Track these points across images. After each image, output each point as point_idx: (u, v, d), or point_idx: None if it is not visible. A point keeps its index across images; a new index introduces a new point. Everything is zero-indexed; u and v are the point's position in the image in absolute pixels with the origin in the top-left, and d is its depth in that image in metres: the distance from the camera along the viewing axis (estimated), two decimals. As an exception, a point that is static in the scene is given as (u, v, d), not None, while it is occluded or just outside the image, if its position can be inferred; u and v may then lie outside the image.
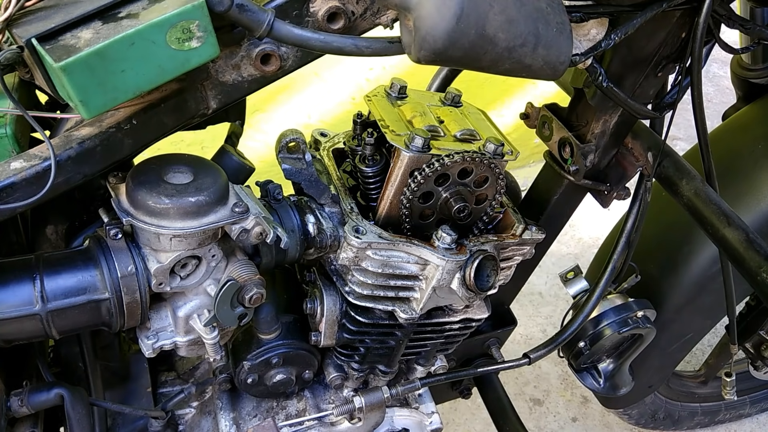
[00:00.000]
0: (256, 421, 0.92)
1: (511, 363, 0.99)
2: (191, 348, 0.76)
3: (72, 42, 0.45)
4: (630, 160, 0.85)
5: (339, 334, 0.81)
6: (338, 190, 0.75)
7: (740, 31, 0.70)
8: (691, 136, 2.71)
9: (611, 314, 1.08)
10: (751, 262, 0.71)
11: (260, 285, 0.68)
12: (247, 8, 0.49)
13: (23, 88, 0.58)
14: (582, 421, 1.88)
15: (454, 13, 0.47)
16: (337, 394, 0.94)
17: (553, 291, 2.24)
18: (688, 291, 1.16)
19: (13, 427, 0.76)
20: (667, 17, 0.66)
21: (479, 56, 0.50)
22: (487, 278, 0.74)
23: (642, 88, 0.75)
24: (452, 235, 0.71)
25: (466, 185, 0.71)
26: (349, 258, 0.70)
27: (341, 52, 0.53)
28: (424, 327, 0.84)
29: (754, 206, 1.11)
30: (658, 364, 1.38)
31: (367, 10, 0.59)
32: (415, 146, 0.66)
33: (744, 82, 1.29)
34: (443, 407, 1.77)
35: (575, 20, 0.60)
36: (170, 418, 0.92)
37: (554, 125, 0.84)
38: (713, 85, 3.40)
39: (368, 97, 0.75)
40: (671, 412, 1.69)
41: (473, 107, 0.82)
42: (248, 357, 0.82)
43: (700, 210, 0.76)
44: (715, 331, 1.69)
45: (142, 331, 0.72)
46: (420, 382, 0.94)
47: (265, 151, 2.01)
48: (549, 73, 0.54)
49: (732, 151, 1.20)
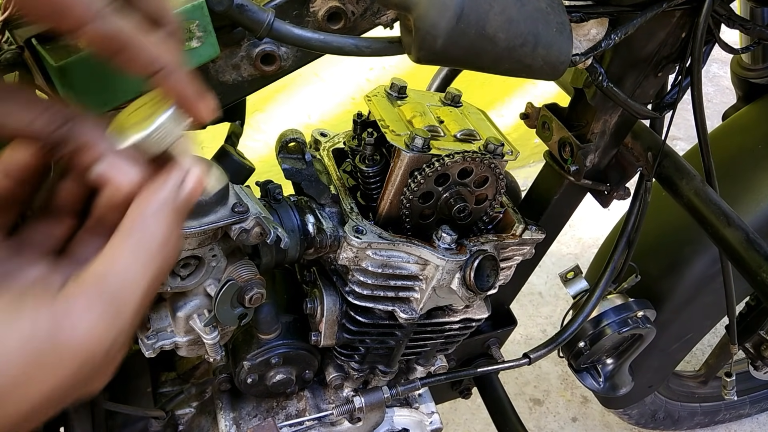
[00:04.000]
0: (256, 421, 0.92)
1: (511, 363, 1.00)
2: (191, 348, 0.76)
3: (72, 42, 0.45)
4: (630, 160, 0.84)
5: (339, 334, 0.81)
6: (338, 190, 0.75)
7: (740, 31, 0.70)
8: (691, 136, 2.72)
9: (611, 314, 1.08)
10: (751, 262, 0.71)
11: (260, 285, 0.68)
12: (247, 8, 0.49)
13: (23, 88, 0.58)
14: (582, 421, 1.88)
15: (454, 13, 0.47)
16: (337, 394, 0.94)
17: (553, 291, 2.24)
18: (688, 291, 1.16)
19: (13, 427, 0.76)
20: (667, 17, 0.66)
21: (479, 56, 0.50)
22: (487, 278, 0.74)
23: (642, 88, 0.75)
24: (452, 235, 0.71)
25: (466, 185, 0.71)
26: (349, 258, 0.70)
27: (341, 52, 0.53)
28: (424, 327, 0.84)
29: (754, 206, 1.12)
30: (658, 364, 1.38)
31: (367, 10, 0.59)
32: (415, 146, 0.66)
33: (744, 82, 1.29)
34: (443, 407, 1.77)
35: (575, 20, 0.60)
36: (170, 418, 0.92)
37: (554, 125, 0.84)
38: (713, 85, 3.40)
39: (368, 97, 0.75)
40: (671, 412, 1.70)
41: (473, 107, 0.82)
42: (248, 357, 0.82)
43: (700, 210, 0.76)
44: (715, 331, 1.69)
45: (142, 331, 0.72)
46: (420, 382, 0.94)
47: (265, 151, 2.01)
48: (549, 73, 0.54)
49: (732, 151, 1.20)
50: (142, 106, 0.35)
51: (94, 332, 0.28)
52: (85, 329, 0.28)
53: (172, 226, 0.33)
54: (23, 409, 0.27)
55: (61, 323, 0.27)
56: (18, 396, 0.26)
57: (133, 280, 0.30)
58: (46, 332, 0.26)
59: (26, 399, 0.27)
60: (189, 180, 0.33)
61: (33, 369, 0.26)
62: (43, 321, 0.26)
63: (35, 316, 0.27)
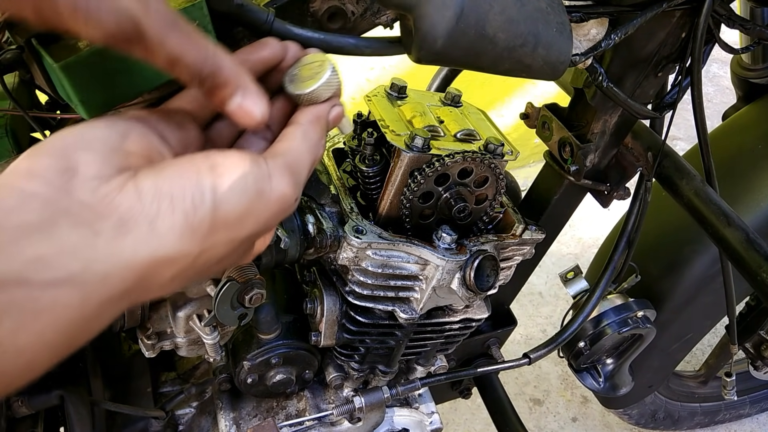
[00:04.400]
0: (256, 421, 0.92)
1: (511, 363, 1.00)
2: (191, 348, 0.76)
3: (72, 41, 0.45)
4: (630, 160, 0.85)
5: (339, 334, 0.81)
6: (338, 190, 0.75)
7: (740, 31, 0.70)
8: (691, 136, 2.72)
9: (611, 314, 1.08)
10: (751, 262, 0.71)
11: (260, 285, 0.68)
12: (247, 7, 0.49)
13: (23, 88, 0.58)
14: (582, 421, 1.88)
15: (453, 13, 0.47)
16: (337, 394, 0.94)
17: (553, 291, 2.24)
18: (688, 291, 1.16)
19: (13, 427, 0.76)
20: (667, 17, 0.66)
21: (479, 56, 0.50)
22: (487, 278, 0.74)
23: (642, 88, 0.75)
24: (452, 235, 0.71)
25: (466, 185, 0.71)
26: (349, 258, 0.70)
27: (341, 52, 0.53)
28: (424, 327, 0.84)
29: (754, 206, 1.12)
30: (658, 364, 1.38)
31: (367, 10, 0.59)
32: (416, 146, 0.66)
33: (744, 82, 1.29)
34: (443, 407, 1.77)
35: (575, 20, 0.60)
36: (170, 418, 0.92)
37: (554, 125, 0.84)
38: (713, 85, 3.40)
39: (368, 97, 0.75)
40: (671, 412, 1.70)
41: (473, 107, 0.82)
42: (248, 357, 0.82)
43: (700, 210, 0.76)
44: (715, 331, 1.70)
45: (142, 331, 0.72)
46: (420, 382, 0.94)
47: (265, 151, 2.00)
48: (549, 73, 0.54)
49: (732, 151, 1.20)
50: (307, 65, 0.49)
51: (286, 190, 0.41)
52: (280, 188, 0.41)
53: (321, 133, 0.47)
54: (242, 235, 0.40)
55: (265, 182, 0.40)
56: (241, 226, 0.40)
57: (304, 159, 0.44)
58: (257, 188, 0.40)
59: (245, 228, 0.40)
60: (335, 110, 0.49)
61: (249, 210, 0.40)
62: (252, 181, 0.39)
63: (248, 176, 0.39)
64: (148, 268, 0.36)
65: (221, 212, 0.38)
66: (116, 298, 0.36)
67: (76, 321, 0.34)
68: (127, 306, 0.38)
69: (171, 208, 0.36)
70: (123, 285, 0.35)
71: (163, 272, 0.37)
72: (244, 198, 0.39)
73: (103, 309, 0.36)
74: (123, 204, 0.35)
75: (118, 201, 0.35)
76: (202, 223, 0.37)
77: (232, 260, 0.44)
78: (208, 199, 0.37)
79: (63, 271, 0.33)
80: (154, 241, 0.36)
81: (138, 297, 0.38)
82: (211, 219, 0.38)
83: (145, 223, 0.36)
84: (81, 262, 0.34)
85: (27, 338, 0.32)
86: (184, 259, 0.38)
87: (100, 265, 0.34)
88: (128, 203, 0.36)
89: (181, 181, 0.37)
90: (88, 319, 0.35)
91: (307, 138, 0.45)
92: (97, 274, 0.34)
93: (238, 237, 0.40)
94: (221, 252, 0.40)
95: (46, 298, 0.33)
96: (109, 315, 0.37)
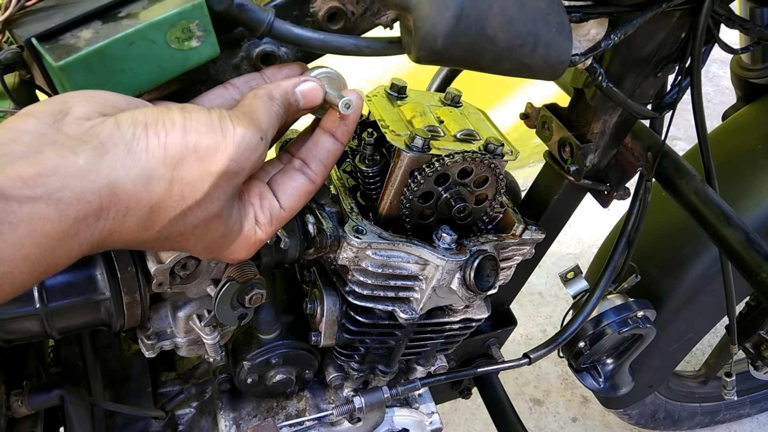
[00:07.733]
0: (256, 421, 0.92)
1: (511, 363, 0.99)
2: (191, 348, 0.76)
3: (72, 41, 0.45)
4: (630, 160, 0.85)
5: (339, 335, 0.81)
6: (338, 190, 0.75)
7: (740, 31, 0.69)
8: (691, 136, 2.72)
9: (611, 314, 1.08)
10: (751, 262, 0.71)
11: (260, 285, 0.68)
12: (247, 7, 0.49)
13: (23, 88, 0.58)
14: (582, 421, 1.88)
15: (453, 13, 0.47)
16: (337, 394, 0.94)
17: (553, 291, 2.24)
18: (688, 291, 1.16)
19: (13, 427, 0.76)
20: (667, 17, 0.66)
21: (479, 56, 0.50)
22: (487, 278, 0.74)
23: (642, 88, 0.75)
24: (452, 235, 0.71)
25: (466, 185, 0.71)
26: (349, 258, 0.70)
27: (341, 52, 0.53)
28: (424, 327, 0.84)
29: (754, 206, 1.12)
30: (658, 364, 1.38)
31: (367, 10, 0.59)
32: (415, 146, 0.66)
33: (744, 82, 1.29)
34: (443, 407, 1.77)
35: (575, 20, 0.60)
36: (170, 418, 0.92)
37: (554, 125, 0.84)
38: (713, 85, 3.40)
39: (368, 97, 0.75)
40: (671, 412, 1.70)
41: (473, 107, 0.82)
42: (248, 357, 0.82)
43: (700, 210, 0.76)
44: (715, 331, 1.69)
45: (142, 331, 0.72)
46: (420, 382, 0.94)
47: (265, 151, 2.00)
48: (549, 73, 0.54)
49: (732, 151, 1.20)
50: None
51: (247, 128, 0.46)
52: (241, 126, 0.46)
53: (278, 94, 0.51)
54: (215, 169, 0.44)
55: (226, 122, 0.45)
56: (211, 159, 0.44)
57: (259, 108, 0.49)
58: (222, 126, 0.45)
59: (216, 162, 0.44)
60: (304, 83, 0.53)
61: (217, 144, 0.44)
62: (216, 119, 0.45)
63: (213, 114, 0.45)
64: (123, 187, 0.40)
65: (191, 138, 0.43)
66: (92, 216, 0.39)
67: (52, 235, 0.37)
68: (103, 231, 0.41)
69: (145, 132, 0.42)
70: (99, 201, 0.39)
71: (139, 195, 0.41)
72: (210, 130, 0.44)
73: (80, 226, 0.39)
74: (104, 132, 0.41)
75: (99, 130, 0.41)
76: (173, 144, 0.42)
77: (217, 207, 0.47)
78: (179, 124, 0.43)
79: (41, 188, 0.36)
80: (129, 159, 0.40)
81: (116, 223, 0.41)
82: (182, 142, 0.42)
83: (122, 145, 0.41)
84: (60, 180, 0.37)
85: (5, 248, 0.36)
86: (158, 181, 0.42)
87: (78, 181, 0.38)
88: (108, 131, 0.41)
89: (155, 112, 0.43)
90: (65, 234, 0.38)
91: (258, 96, 0.50)
92: (73, 190, 0.38)
93: (212, 170, 0.44)
94: (200, 188, 0.44)
95: (24, 211, 0.36)
96: (85, 236, 0.40)
